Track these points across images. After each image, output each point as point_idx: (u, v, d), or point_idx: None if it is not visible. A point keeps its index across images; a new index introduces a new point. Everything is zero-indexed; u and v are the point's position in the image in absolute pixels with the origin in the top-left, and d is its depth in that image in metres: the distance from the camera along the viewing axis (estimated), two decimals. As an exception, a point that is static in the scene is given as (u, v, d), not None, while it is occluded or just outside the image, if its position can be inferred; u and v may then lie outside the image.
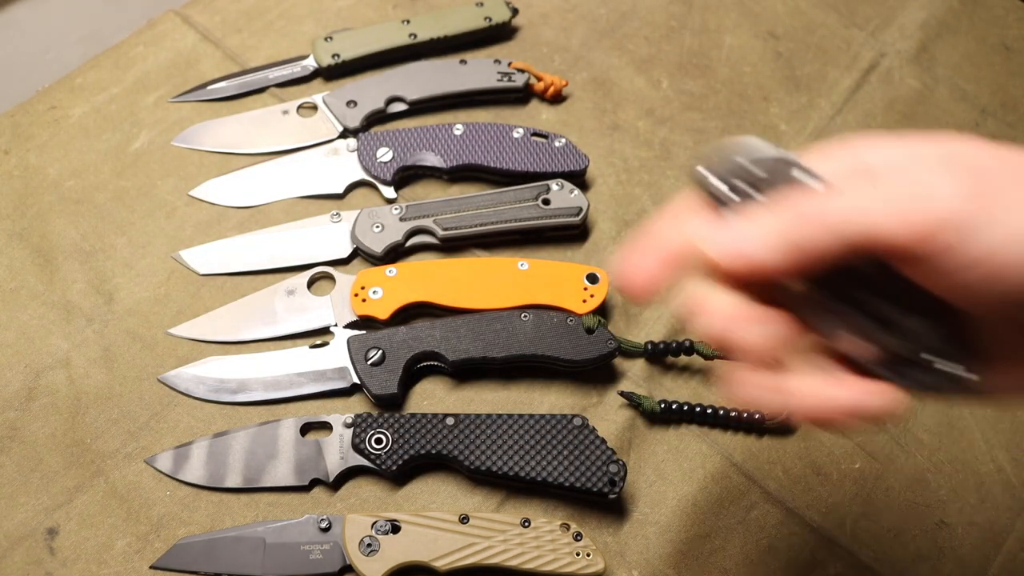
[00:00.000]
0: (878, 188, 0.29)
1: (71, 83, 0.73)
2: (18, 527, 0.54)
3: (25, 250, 0.64)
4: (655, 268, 0.33)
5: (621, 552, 0.55)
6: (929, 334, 0.31)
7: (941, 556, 0.56)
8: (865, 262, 0.30)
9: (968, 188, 0.28)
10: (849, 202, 0.29)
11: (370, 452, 0.55)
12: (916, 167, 0.29)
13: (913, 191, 0.28)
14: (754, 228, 0.30)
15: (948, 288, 0.29)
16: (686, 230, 0.32)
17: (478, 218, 0.64)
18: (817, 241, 0.29)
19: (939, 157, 0.29)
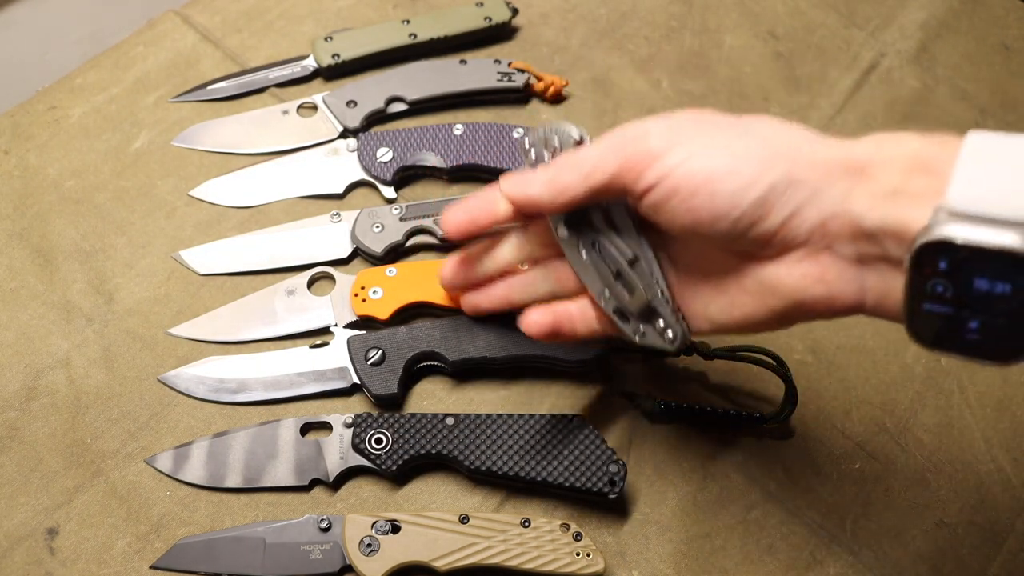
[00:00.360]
0: (610, 138, 0.41)
1: (71, 83, 0.73)
2: (18, 527, 0.54)
3: (25, 250, 0.64)
4: (468, 217, 0.49)
5: (621, 552, 0.55)
6: (646, 290, 0.45)
7: (941, 556, 0.56)
8: (606, 216, 0.45)
9: (664, 130, 0.40)
10: (588, 150, 0.42)
11: (370, 452, 0.55)
12: (643, 123, 0.41)
13: (628, 136, 0.41)
14: (536, 175, 0.44)
15: (651, 210, 0.41)
16: (501, 183, 0.46)
17: (478, 218, 0.64)
18: (568, 181, 0.42)
19: (664, 117, 0.41)
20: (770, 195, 0.37)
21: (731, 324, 0.43)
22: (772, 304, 0.40)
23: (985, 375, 0.62)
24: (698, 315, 0.45)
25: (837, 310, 0.38)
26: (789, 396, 0.57)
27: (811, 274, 0.38)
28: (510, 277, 0.52)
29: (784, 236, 0.38)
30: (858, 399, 0.61)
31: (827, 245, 0.37)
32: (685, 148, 0.39)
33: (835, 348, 0.63)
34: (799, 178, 0.37)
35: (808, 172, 0.37)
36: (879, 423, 0.60)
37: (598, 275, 0.46)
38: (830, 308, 0.39)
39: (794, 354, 0.62)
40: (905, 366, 0.62)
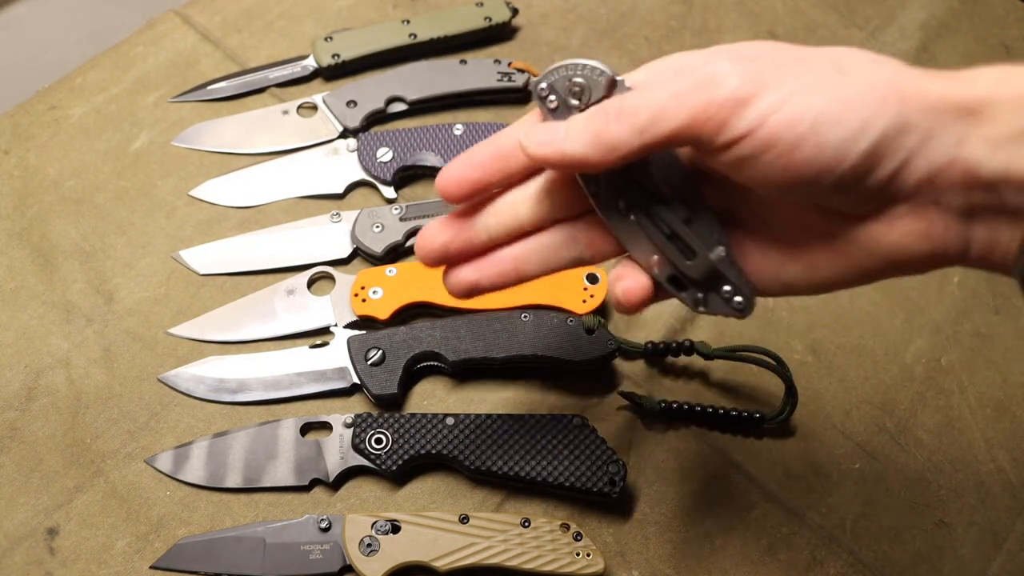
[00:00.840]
0: (670, 84, 0.33)
1: (71, 83, 0.73)
2: (18, 527, 0.54)
3: (25, 250, 0.64)
4: (475, 172, 0.38)
5: (621, 552, 0.55)
6: (709, 252, 0.37)
7: (941, 556, 0.56)
8: (659, 170, 0.37)
9: (745, 71, 0.32)
10: (642, 98, 0.34)
11: (370, 452, 0.55)
12: (707, 63, 0.33)
13: (696, 80, 0.33)
14: (570, 127, 0.35)
15: (733, 165, 0.33)
16: (516, 132, 0.37)
17: (478, 218, 0.64)
18: (618, 134, 0.33)
19: (728, 52, 0.34)
20: (881, 143, 0.31)
21: (809, 287, 0.37)
22: (865, 264, 0.35)
23: (985, 375, 0.62)
24: (768, 277, 0.38)
25: (936, 265, 0.34)
26: (789, 396, 0.57)
27: (915, 231, 0.33)
28: (519, 242, 0.40)
29: (890, 190, 0.32)
30: (858, 399, 0.61)
31: (934, 199, 0.32)
32: (779, 90, 0.31)
33: (835, 348, 0.63)
34: (911, 121, 0.31)
35: (920, 114, 0.31)
36: (879, 423, 0.60)
37: (647, 238, 0.38)
38: (930, 264, 0.34)
39: (794, 354, 0.62)
40: (905, 366, 0.62)
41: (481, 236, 0.39)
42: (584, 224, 0.40)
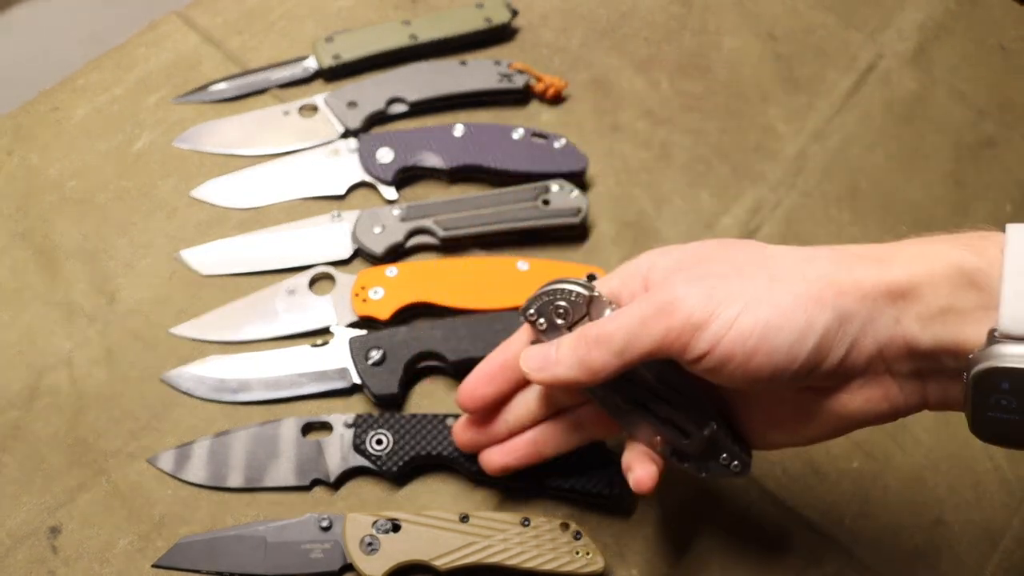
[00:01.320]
0: (638, 307, 0.39)
1: (73, 84, 0.73)
2: (21, 526, 0.54)
3: (27, 250, 0.65)
4: (489, 387, 0.48)
5: (621, 552, 0.55)
6: (702, 431, 0.43)
7: (938, 554, 0.56)
8: (645, 368, 0.41)
9: (699, 295, 0.37)
10: (615, 324, 0.39)
11: (371, 453, 0.55)
12: (665, 282, 0.39)
13: (658, 305, 0.38)
14: (561, 354, 0.41)
15: (704, 372, 0.38)
16: (519, 355, 0.44)
17: (478, 218, 0.64)
18: (599, 358, 0.39)
19: (694, 266, 0.39)
20: (825, 338, 0.35)
21: (794, 443, 0.44)
22: (837, 425, 0.40)
23: (982, 375, 0.62)
24: (758, 442, 0.45)
25: (900, 416, 0.39)
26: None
27: (875, 396, 0.38)
28: (534, 429, 0.49)
29: (844, 370, 0.37)
30: (856, 399, 0.61)
31: (886, 368, 0.37)
32: (727, 310, 0.36)
33: (833, 348, 0.63)
34: (849, 312, 0.35)
35: (855, 304, 0.35)
36: (877, 422, 0.60)
37: (646, 424, 0.44)
38: (894, 417, 0.39)
39: (792, 354, 0.62)
40: (903, 366, 0.63)
41: (503, 431, 0.49)
42: (588, 410, 0.47)
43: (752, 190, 0.72)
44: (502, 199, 0.65)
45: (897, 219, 0.71)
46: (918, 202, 0.73)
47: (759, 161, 0.73)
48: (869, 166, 0.74)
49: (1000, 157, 0.76)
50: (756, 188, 0.72)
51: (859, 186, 0.73)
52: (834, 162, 0.73)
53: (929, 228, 0.38)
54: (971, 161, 0.75)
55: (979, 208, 0.73)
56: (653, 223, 0.69)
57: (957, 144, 0.76)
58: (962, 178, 0.74)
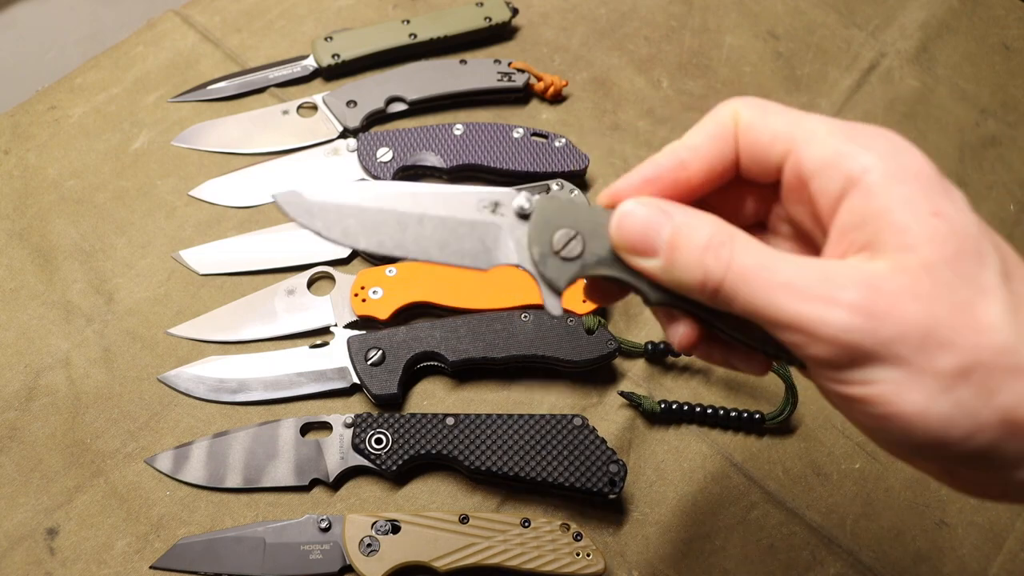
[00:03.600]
0: (842, 285, 0.26)
1: (71, 83, 0.73)
2: (18, 527, 0.54)
3: (25, 250, 0.64)
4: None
5: (621, 552, 0.55)
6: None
7: (941, 556, 0.56)
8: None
9: (926, 323, 0.26)
10: (807, 273, 0.27)
11: (370, 452, 0.55)
12: (900, 265, 0.26)
13: (873, 307, 0.26)
14: (682, 235, 0.29)
15: (833, 398, 0.29)
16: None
17: (478, 218, 0.64)
18: (754, 286, 0.28)
19: (944, 259, 0.26)
20: (967, 457, 0.27)
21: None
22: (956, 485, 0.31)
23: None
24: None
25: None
26: (789, 396, 0.57)
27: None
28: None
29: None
30: (858, 399, 0.61)
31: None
32: (892, 370, 0.26)
33: (835, 348, 0.63)
34: (1000, 450, 0.26)
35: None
36: (879, 423, 0.60)
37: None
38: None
39: (794, 354, 0.62)
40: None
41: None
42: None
43: (753, 189, 0.71)
44: (502, 198, 0.64)
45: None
46: (920, 201, 0.72)
47: (760, 160, 0.73)
48: (871, 165, 0.73)
49: (1003, 156, 0.75)
50: (757, 187, 0.71)
51: (861, 185, 0.72)
52: (836, 161, 0.73)
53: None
54: (974, 160, 0.75)
55: (983, 208, 0.72)
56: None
57: (960, 143, 0.76)
58: (965, 177, 0.74)
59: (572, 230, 0.31)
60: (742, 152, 0.32)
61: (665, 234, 0.29)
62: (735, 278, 0.27)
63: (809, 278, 0.27)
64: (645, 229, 0.29)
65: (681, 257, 0.28)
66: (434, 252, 0.32)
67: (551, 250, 0.31)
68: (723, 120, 0.32)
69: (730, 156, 0.32)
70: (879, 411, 0.26)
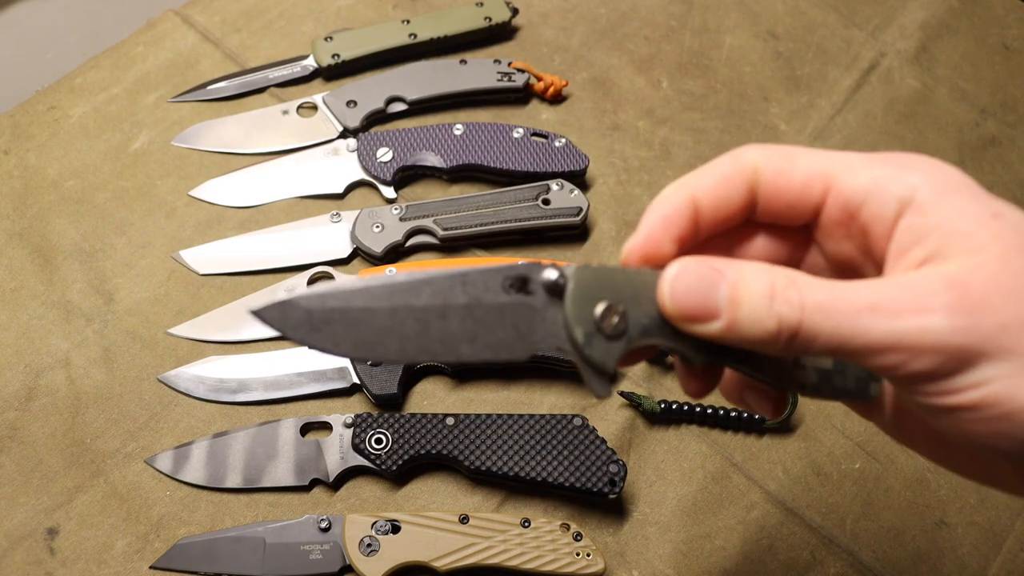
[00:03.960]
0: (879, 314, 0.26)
1: (71, 83, 0.73)
2: (18, 527, 0.54)
3: (25, 250, 0.64)
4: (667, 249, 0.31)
5: (621, 552, 0.55)
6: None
7: (941, 556, 0.56)
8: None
9: (960, 335, 0.25)
10: (874, 295, 0.26)
11: (370, 452, 0.55)
12: (920, 305, 0.26)
13: (904, 327, 0.26)
14: (737, 288, 0.27)
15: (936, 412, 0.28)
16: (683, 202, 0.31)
17: (478, 218, 0.64)
18: (817, 325, 0.27)
19: (949, 290, 0.26)
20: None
21: (936, 462, 0.33)
22: (1006, 486, 0.31)
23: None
24: (899, 427, 0.33)
25: None
26: (790, 396, 0.57)
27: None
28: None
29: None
30: (858, 399, 0.61)
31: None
32: (990, 368, 0.26)
33: (835, 348, 0.63)
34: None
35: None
36: (879, 423, 0.60)
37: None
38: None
39: (794, 354, 0.62)
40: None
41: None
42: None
43: (753, 189, 0.71)
44: (502, 199, 0.65)
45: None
46: (920, 201, 0.72)
47: (760, 160, 0.73)
48: (871, 165, 0.73)
49: (1003, 156, 0.75)
50: (757, 187, 0.71)
51: (861, 185, 0.72)
52: (836, 161, 0.73)
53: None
54: (974, 160, 0.75)
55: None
56: (654, 222, 0.69)
57: (960, 143, 0.76)
58: (964, 177, 0.74)
59: (612, 302, 0.28)
60: (768, 198, 0.31)
61: (723, 293, 0.27)
62: (813, 316, 0.26)
63: (892, 294, 0.26)
64: (700, 293, 0.28)
65: (746, 312, 0.27)
66: (464, 349, 0.28)
67: (595, 329, 0.28)
68: (741, 166, 0.31)
69: (743, 200, 0.31)
70: (996, 412, 0.25)
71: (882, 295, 0.26)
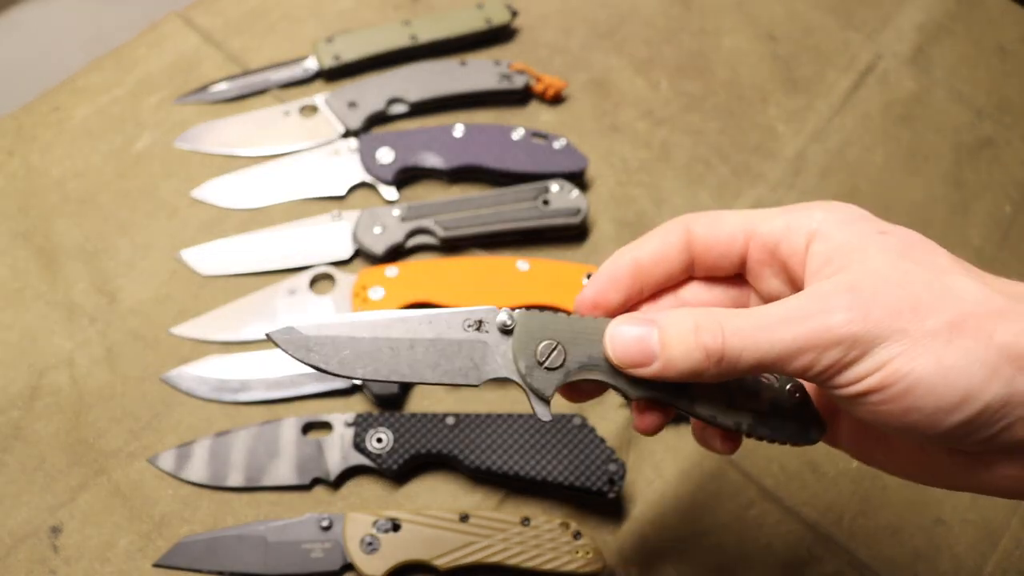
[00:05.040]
0: (787, 307, 0.31)
1: (74, 85, 0.73)
2: (22, 525, 0.54)
3: (29, 250, 0.65)
4: (615, 298, 0.37)
5: (620, 550, 0.55)
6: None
7: (938, 553, 0.56)
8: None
9: (857, 322, 0.30)
10: (767, 317, 0.31)
11: (371, 451, 0.55)
12: (822, 301, 0.30)
13: (811, 326, 0.30)
14: (665, 334, 0.33)
15: (838, 398, 0.32)
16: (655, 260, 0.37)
17: (478, 218, 0.64)
18: (737, 348, 0.31)
19: (846, 280, 0.31)
20: (982, 414, 0.29)
21: (891, 472, 0.37)
22: (957, 484, 0.34)
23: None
24: (852, 446, 0.39)
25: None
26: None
27: (1013, 476, 0.32)
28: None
29: (988, 445, 0.31)
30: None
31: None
32: (887, 346, 0.29)
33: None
34: (1021, 390, 0.29)
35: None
36: (876, 422, 0.60)
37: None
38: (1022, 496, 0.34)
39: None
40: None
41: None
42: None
43: (751, 190, 0.72)
44: (502, 199, 0.65)
45: (896, 219, 0.70)
46: (917, 202, 0.73)
47: (758, 161, 0.73)
48: (868, 166, 0.74)
49: (999, 157, 0.76)
50: (755, 188, 0.72)
51: (858, 186, 0.73)
52: (833, 162, 0.74)
53: (928, 228, 0.38)
54: (970, 161, 0.75)
55: (978, 208, 0.73)
56: (653, 223, 0.69)
57: (956, 144, 0.76)
58: (961, 178, 0.74)
59: (553, 341, 0.34)
60: (702, 252, 0.37)
61: (655, 338, 0.33)
62: (732, 339, 0.31)
63: (799, 304, 0.31)
64: (638, 343, 0.33)
65: (677, 350, 0.32)
66: (427, 373, 0.34)
67: (535, 361, 0.34)
68: (676, 226, 0.37)
69: (680, 255, 0.37)
70: (899, 389, 0.29)
71: (790, 308, 0.31)
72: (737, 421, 0.35)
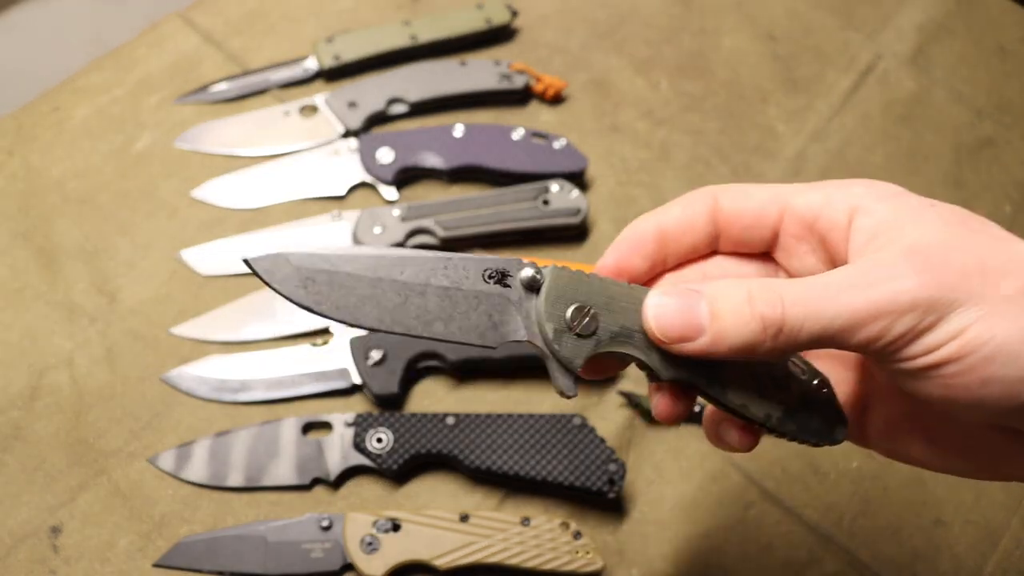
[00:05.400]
0: (850, 291, 0.28)
1: (74, 85, 0.73)
2: (22, 525, 0.54)
3: (29, 250, 0.65)
4: (639, 264, 0.35)
5: (620, 551, 0.55)
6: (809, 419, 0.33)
7: (938, 554, 0.56)
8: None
9: (927, 293, 0.27)
10: (828, 286, 0.29)
11: (371, 451, 0.55)
12: (891, 271, 0.28)
13: (874, 296, 0.28)
14: (715, 305, 0.29)
15: (893, 375, 0.30)
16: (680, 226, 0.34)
17: (478, 218, 0.64)
18: (795, 320, 0.28)
19: (914, 254, 0.28)
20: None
21: (926, 466, 0.35)
22: (1005, 474, 0.33)
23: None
24: (880, 438, 0.36)
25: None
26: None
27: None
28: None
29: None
30: (855, 398, 0.61)
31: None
32: (960, 317, 0.27)
33: (833, 348, 0.63)
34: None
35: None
36: (876, 422, 0.60)
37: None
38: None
39: (792, 354, 0.62)
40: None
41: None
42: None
43: (752, 190, 0.72)
44: (502, 199, 0.65)
45: (896, 219, 0.71)
46: (917, 202, 0.73)
47: (758, 161, 0.73)
48: (868, 166, 0.74)
49: (999, 157, 0.76)
50: (756, 188, 0.72)
51: (858, 186, 0.73)
52: (833, 162, 0.74)
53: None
54: (970, 161, 0.75)
55: (978, 208, 0.72)
56: (653, 223, 0.69)
57: (956, 144, 0.76)
58: (961, 178, 0.74)
59: (585, 304, 0.30)
60: (728, 222, 0.34)
61: (703, 309, 0.29)
62: (793, 308, 0.28)
63: (862, 271, 0.28)
64: (684, 314, 0.29)
65: (729, 321, 0.29)
66: (438, 328, 0.29)
67: (565, 325, 0.30)
68: (703, 195, 0.34)
69: (706, 225, 0.34)
70: (979, 357, 0.27)
71: (852, 274, 0.28)
72: (768, 412, 0.32)
